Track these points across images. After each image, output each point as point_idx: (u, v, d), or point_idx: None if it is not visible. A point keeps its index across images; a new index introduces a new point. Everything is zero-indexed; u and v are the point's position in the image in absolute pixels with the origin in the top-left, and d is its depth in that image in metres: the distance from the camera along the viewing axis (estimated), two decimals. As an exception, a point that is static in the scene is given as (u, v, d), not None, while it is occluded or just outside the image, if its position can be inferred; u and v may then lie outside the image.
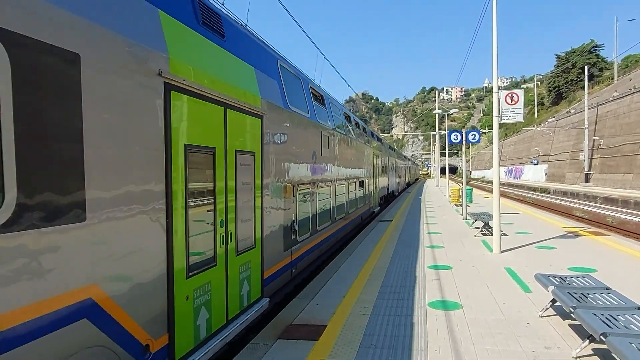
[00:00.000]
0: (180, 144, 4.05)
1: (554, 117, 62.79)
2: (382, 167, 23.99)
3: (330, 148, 10.90)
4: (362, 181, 16.52)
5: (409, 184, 56.80)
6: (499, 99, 10.57)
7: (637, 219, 21.74)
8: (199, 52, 4.62)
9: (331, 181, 11.12)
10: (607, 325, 4.35)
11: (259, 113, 6.04)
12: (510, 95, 10.61)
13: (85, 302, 2.96)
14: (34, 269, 2.61)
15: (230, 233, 5.11)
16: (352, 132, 14.64)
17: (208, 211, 4.64)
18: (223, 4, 7.25)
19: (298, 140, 8.10)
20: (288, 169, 7.48)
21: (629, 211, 25.26)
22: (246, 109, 5.61)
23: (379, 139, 24.26)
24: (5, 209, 2.44)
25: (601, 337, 4.15)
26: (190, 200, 4.22)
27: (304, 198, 8.60)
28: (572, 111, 48.46)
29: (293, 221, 7.81)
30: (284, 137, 7.26)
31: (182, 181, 4.08)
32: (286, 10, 12.38)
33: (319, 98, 10.68)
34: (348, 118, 14.58)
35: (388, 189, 26.73)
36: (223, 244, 4.93)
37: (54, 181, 2.73)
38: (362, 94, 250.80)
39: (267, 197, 6.41)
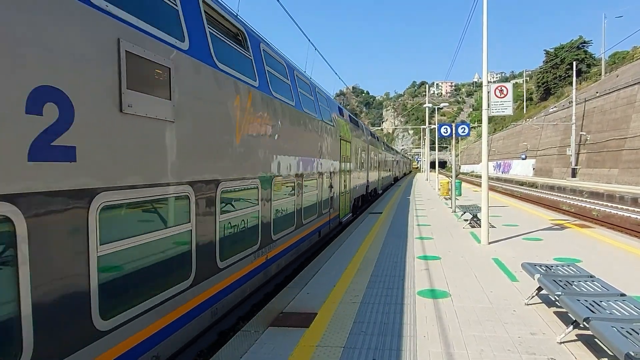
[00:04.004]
0: None
1: (555, 106, 62.74)
2: (393, 162, 47.52)
3: (385, 158, 35.69)
4: (392, 168, 41.94)
5: (404, 174, 79.32)
6: (488, 92, 10.67)
7: (621, 213, 22.17)
8: None
9: (381, 168, 31.53)
10: (591, 310, 4.46)
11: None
12: (499, 88, 10.71)
13: None
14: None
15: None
16: (385, 147, 36.96)
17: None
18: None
19: (384, 157, 34.36)
20: (382, 163, 32.66)
21: (613, 205, 25.75)
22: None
23: (389, 147, 46.31)
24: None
25: (584, 322, 4.26)
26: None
27: (383, 171, 33.39)
28: (572, 101, 48.62)
29: (381, 177, 32.35)
30: (385, 156, 37.32)
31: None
32: (277, 1, 12.31)
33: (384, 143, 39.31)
34: (388, 146, 42.90)
35: (396, 173, 55.25)
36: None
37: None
38: (353, 88, 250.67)
39: (384, 172, 34.70)
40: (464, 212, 14.61)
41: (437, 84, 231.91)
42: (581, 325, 4.47)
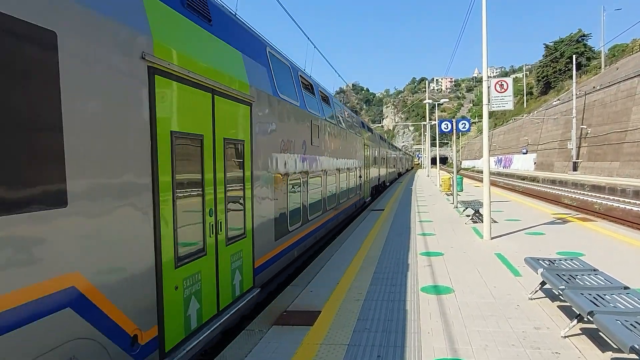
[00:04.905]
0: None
1: (558, 99, 62.35)
2: (396, 159, 52.52)
3: (391, 156, 41.32)
4: (396, 164, 48.86)
5: (407, 170, 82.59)
6: (488, 87, 10.65)
7: (623, 206, 22.14)
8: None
9: (388, 165, 36.50)
10: (595, 304, 4.46)
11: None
12: (499, 83, 10.69)
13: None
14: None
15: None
16: (390, 147, 41.83)
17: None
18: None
19: (390, 156, 40.05)
20: (389, 161, 37.95)
21: (615, 198, 25.70)
22: None
23: (394, 146, 54.00)
24: None
25: (588, 315, 4.26)
26: None
27: (389, 167, 38.19)
28: (573, 95, 48.60)
29: (388, 172, 37.37)
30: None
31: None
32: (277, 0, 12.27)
33: (389, 142, 45.88)
34: (392, 145, 51.63)
35: (399, 169, 59.63)
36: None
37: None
38: (353, 85, 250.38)
39: (390, 168, 39.74)
40: (466, 208, 14.60)
41: (436, 79, 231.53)
42: (585, 319, 4.46)
